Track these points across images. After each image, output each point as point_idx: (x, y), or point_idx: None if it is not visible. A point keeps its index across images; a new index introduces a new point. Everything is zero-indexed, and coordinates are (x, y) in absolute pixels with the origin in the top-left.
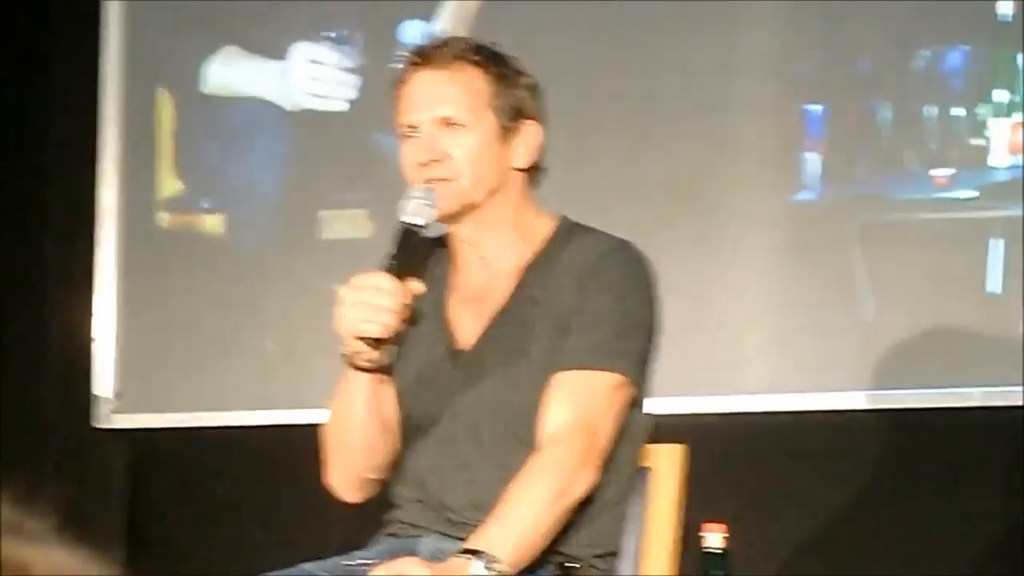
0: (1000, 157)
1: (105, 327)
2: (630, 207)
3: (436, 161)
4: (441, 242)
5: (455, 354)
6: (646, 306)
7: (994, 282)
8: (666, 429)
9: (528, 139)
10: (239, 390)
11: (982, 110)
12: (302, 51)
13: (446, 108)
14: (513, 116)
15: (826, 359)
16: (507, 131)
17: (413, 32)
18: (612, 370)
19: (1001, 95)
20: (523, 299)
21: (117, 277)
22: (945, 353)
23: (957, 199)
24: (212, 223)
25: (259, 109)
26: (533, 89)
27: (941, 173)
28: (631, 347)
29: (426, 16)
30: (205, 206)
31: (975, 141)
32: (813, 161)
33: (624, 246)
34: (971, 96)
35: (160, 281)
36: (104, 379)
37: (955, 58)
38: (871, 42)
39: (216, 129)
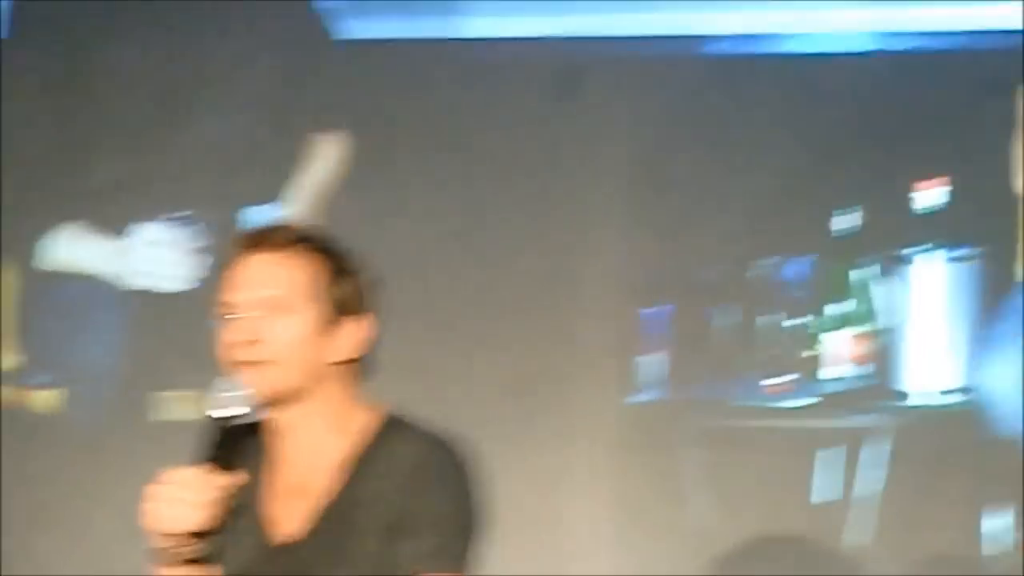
0: (835, 368)
1: None
2: (470, 402)
3: (254, 343)
4: (259, 430)
5: (273, 550)
6: (473, 506)
7: (822, 491)
8: None
9: (352, 335)
10: (73, 567)
11: (819, 322)
12: (144, 232)
13: (270, 291)
14: (339, 309)
15: (660, 560)
16: (331, 324)
17: (257, 216)
18: (452, 574)
19: (837, 307)
20: (346, 497)
21: None
22: (772, 560)
23: (792, 408)
24: (49, 399)
25: (100, 287)
26: (366, 285)
27: (777, 381)
28: (463, 548)
29: (270, 202)
30: (43, 381)
31: (811, 352)
32: (651, 364)
33: (447, 446)
34: (809, 307)
35: None
36: None
37: (795, 268)
38: (712, 250)
39: (57, 305)
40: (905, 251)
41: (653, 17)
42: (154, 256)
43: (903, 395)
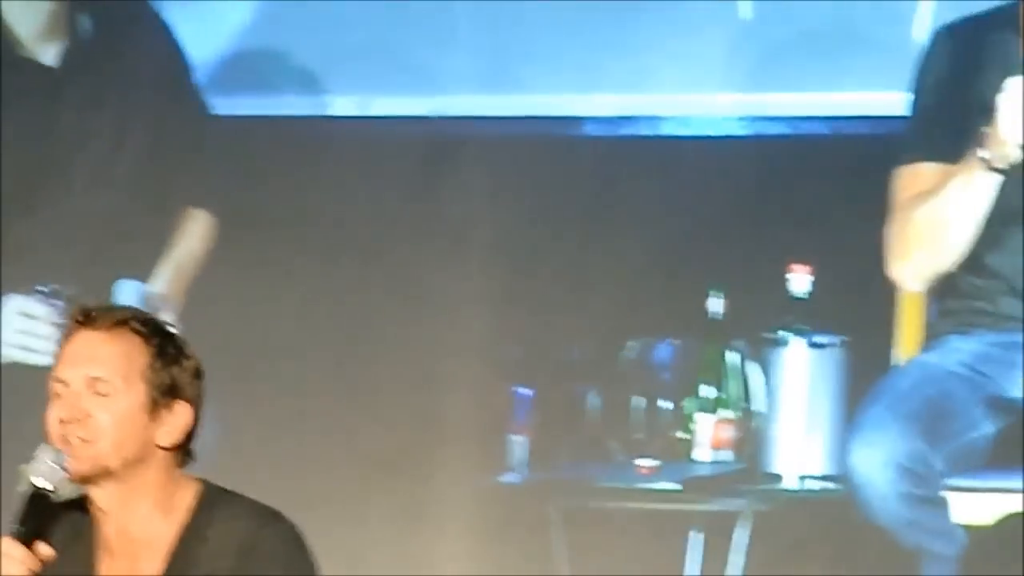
0: (704, 451)
1: None
2: (332, 478)
3: (77, 420)
4: (84, 509)
5: None
6: None
7: (692, 572)
8: None
9: (178, 419)
10: None
11: (688, 404)
12: (13, 303)
13: (97, 369)
14: (166, 392)
15: None
16: (157, 406)
17: (127, 291)
18: None
19: (708, 390)
20: None
21: None
22: None
23: (660, 490)
24: None
25: None
26: (194, 372)
27: (645, 463)
28: None
29: (142, 276)
30: None
31: (681, 434)
32: (519, 444)
33: (277, 517)
34: (678, 389)
35: None
36: None
37: (664, 351)
38: (582, 330)
39: None
40: (775, 335)
41: (526, 99)
42: (22, 327)
43: (772, 478)
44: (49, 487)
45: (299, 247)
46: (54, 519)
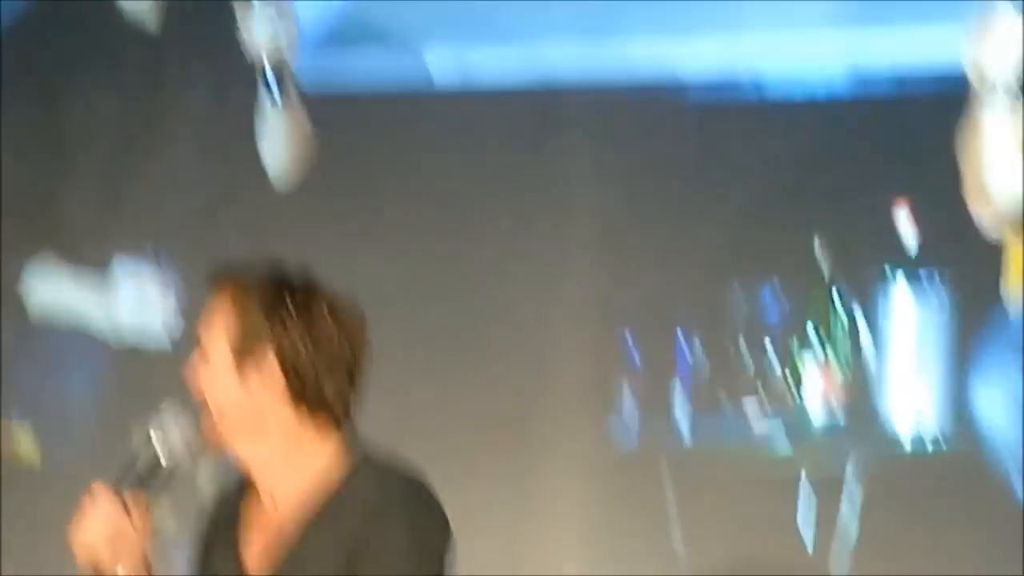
0: (813, 395)
1: None
2: (444, 435)
3: (194, 386)
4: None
5: None
6: (436, 543)
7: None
8: None
9: (265, 374)
10: None
11: (795, 346)
12: (125, 266)
13: (203, 333)
14: (248, 348)
15: None
16: (244, 364)
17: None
18: None
19: (814, 332)
20: (306, 542)
21: None
22: None
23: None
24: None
25: (82, 334)
26: (304, 326)
27: (753, 409)
28: None
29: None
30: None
31: (788, 377)
32: (628, 390)
33: (407, 480)
34: (784, 332)
35: None
36: None
37: (769, 293)
38: (686, 274)
39: (38, 353)
40: (881, 273)
41: (624, 44)
42: (135, 294)
43: (884, 425)
44: (169, 456)
45: (407, 212)
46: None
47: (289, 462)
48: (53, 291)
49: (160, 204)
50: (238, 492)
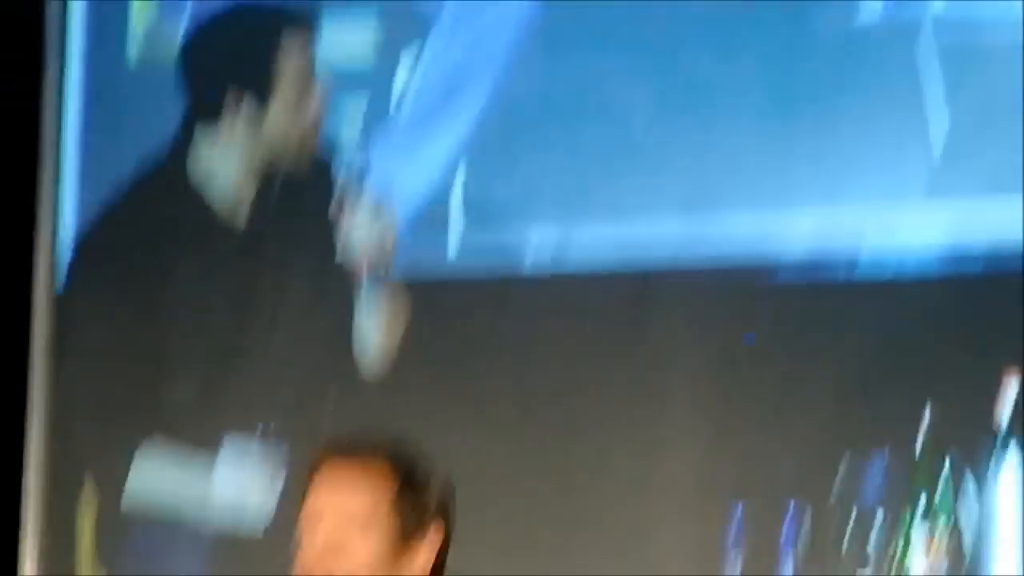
0: (921, 565)
1: None
2: None
3: (333, 552)
4: None
5: None
6: None
7: None
8: None
9: (429, 546)
10: None
11: (904, 516)
12: (230, 447)
13: (355, 503)
14: (414, 524)
15: None
16: (407, 539)
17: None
18: None
19: (923, 502)
20: None
21: None
22: None
23: None
24: None
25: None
26: (440, 495)
27: None
28: None
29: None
30: None
31: (897, 548)
32: (734, 561)
33: None
34: (893, 501)
35: None
36: None
37: (878, 463)
38: (793, 445)
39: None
40: (990, 443)
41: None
42: (239, 477)
43: None
44: None
45: (501, 396)
46: None
47: None
48: (157, 478)
49: (266, 385)
50: None
